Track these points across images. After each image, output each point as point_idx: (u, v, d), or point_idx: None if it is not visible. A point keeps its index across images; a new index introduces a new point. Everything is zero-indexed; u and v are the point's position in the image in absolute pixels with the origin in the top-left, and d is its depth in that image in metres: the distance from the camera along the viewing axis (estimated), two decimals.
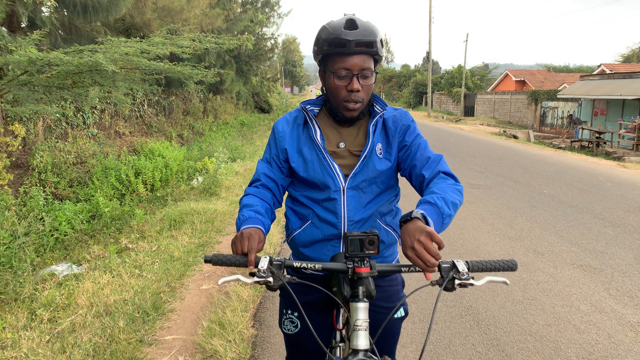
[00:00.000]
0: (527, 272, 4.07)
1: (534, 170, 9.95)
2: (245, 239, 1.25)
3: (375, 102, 1.54)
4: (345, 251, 1.16)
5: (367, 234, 1.15)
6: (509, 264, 1.23)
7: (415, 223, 1.12)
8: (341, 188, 1.47)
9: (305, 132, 1.54)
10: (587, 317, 3.27)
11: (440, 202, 1.24)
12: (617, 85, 18.76)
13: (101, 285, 3.77)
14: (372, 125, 1.50)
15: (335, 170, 1.47)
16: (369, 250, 1.15)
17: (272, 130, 1.61)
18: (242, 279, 1.16)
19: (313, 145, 1.51)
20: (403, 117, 1.56)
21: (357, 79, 1.40)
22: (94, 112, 10.75)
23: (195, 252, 4.52)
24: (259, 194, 1.52)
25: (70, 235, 5.68)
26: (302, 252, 1.55)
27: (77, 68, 5.45)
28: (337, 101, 1.45)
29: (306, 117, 1.55)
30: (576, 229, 5.42)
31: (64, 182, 8.30)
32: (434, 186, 1.34)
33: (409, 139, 1.52)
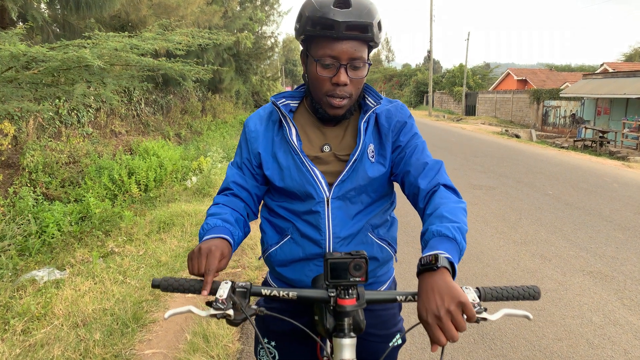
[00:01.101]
0: (535, 280, 3.84)
1: (537, 170, 9.71)
2: (203, 256, 1.02)
3: (368, 94, 1.28)
4: (325, 277, 0.93)
5: (352, 255, 0.92)
6: (530, 292, 1.00)
7: (444, 278, 0.88)
8: (325, 198, 1.22)
9: (281, 132, 1.28)
10: (601, 330, 3.04)
11: (459, 235, 1.01)
12: (620, 84, 18.50)
13: (81, 293, 3.56)
14: (363, 123, 1.24)
15: (316, 178, 1.22)
16: (355, 277, 0.92)
17: (243, 128, 1.35)
18: (195, 311, 0.93)
19: (289, 148, 1.25)
20: (398, 112, 1.30)
21: (345, 70, 1.15)
22: (89, 111, 10.53)
23: (184, 256, 4.29)
24: (230, 202, 1.28)
25: (57, 237, 5.47)
26: (280, 272, 1.32)
27: (63, 64, 5.24)
28: (319, 95, 1.20)
29: (278, 114, 1.29)
30: (584, 232, 5.18)
31: (55, 182, 8.09)
32: (441, 206, 1.09)
33: (404, 138, 1.27)
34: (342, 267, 0.92)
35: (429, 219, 1.09)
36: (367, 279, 0.92)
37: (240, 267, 4.11)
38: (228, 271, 4.02)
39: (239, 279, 3.84)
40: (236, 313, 0.96)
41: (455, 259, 0.95)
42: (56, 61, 5.05)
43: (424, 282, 0.91)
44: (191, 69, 6.20)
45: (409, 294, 1.01)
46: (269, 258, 1.34)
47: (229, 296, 0.97)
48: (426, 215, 1.12)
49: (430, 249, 0.97)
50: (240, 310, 0.96)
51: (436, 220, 1.06)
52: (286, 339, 1.31)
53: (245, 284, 1.02)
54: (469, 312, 0.84)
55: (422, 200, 1.18)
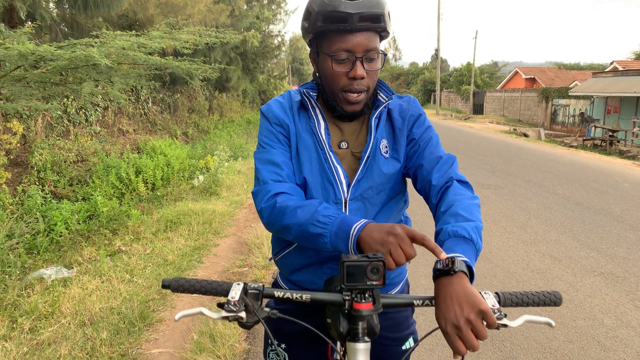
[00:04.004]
0: (545, 281, 3.79)
1: (546, 169, 9.61)
2: (403, 241, 0.92)
3: (380, 89, 1.25)
4: (341, 281, 0.90)
5: (369, 258, 0.88)
6: (551, 298, 0.96)
7: (462, 283, 0.86)
8: (343, 200, 1.19)
9: (303, 122, 1.23)
10: (613, 332, 2.99)
11: (475, 235, 0.98)
12: (631, 82, 18.27)
13: (89, 291, 3.56)
14: (374, 118, 1.21)
15: (338, 177, 1.18)
16: (372, 281, 0.89)
17: (264, 115, 1.25)
18: (207, 313, 0.91)
19: (314, 140, 1.20)
20: (411, 106, 1.27)
21: (362, 63, 1.12)
22: (97, 110, 10.58)
23: (191, 255, 4.29)
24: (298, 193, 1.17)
25: (65, 236, 5.49)
26: (291, 277, 1.29)
27: (71, 63, 5.25)
28: (335, 91, 1.16)
29: (305, 104, 1.24)
30: (594, 232, 5.11)
31: (63, 180, 8.13)
32: (456, 203, 1.06)
33: (418, 131, 1.24)
34: (359, 270, 0.89)
35: (443, 217, 1.06)
36: (384, 282, 0.89)
37: (247, 267, 4.09)
38: (234, 270, 4.01)
39: (246, 278, 3.83)
40: (248, 315, 0.94)
41: (472, 261, 0.93)
42: (64, 60, 5.07)
43: (442, 289, 0.88)
44: (198, 67, 6.19)
45: (425, 299, 0.98)
46: (281, 260, 1.31)
47: (241, 298, 0.94)
48: (440, 213, 1.09)
49: (447, 251, 0.94)
50: (252, 312, 0.94)
51: (451, 218, 1.03)
52: (296, 341, 1.28)
53: (258, 285, 0.99)
54: (490, 319, 0.81)
55: (435, 195, 1.15)
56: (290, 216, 1.08)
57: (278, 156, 1.19)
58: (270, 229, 1.16)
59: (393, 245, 0.91)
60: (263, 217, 1.14)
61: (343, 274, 0.88)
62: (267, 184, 1.15)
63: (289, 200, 1.11)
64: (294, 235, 1.09)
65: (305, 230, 1.05)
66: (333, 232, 1.01)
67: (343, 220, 1.02)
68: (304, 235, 1.06)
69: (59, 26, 9.80)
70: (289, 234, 1.10)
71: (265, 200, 1.13)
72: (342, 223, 1.01)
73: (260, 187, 1.16)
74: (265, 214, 1.13)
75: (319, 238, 1.04)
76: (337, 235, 1.01)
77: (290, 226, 1.08)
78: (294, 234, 1.09)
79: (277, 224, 1.11)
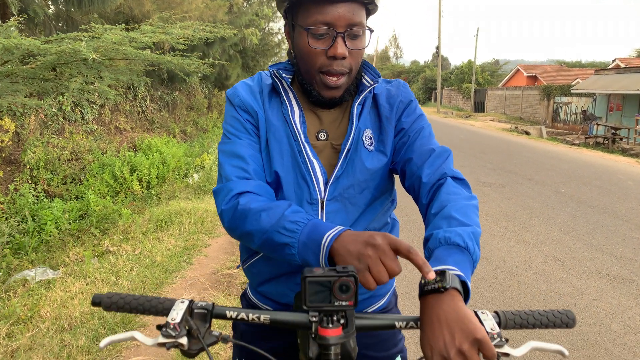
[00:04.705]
0: (548, 283, 3.62)
1: (548, 167, 9.43)
2: (386, 255, 0.75)
3: (365, 72, 1.08)
4: (303, 301, 0.74)
5: (337, 273, 0.71)
6: (562, 319, 0.80)
7: (454, 304, 0.70)
8: (319, 200, 1.02)
9: (275, 109, 1.06)
10: (620, 339, 2.83)
11: (472, 243, 0.82)
12: (633, 79, 18.05)
13: (71, 294, 3.42)
14: (357, 105, 1.05)
15: (314, 173, 1.02)
16: (341, 301, 0.72)
17: (229, 100, 1.07)
18: (139, 338, 0.75)
19: (287, 131, 1.03)
20: (401, 92, 1.11)
21: (343, 40, 0.95)
22: (93, 107, 10.43)
23: (180, 256, 4.14)
24: (266, 193, 1.00)
25: (54, 235, 5.35)
26: (260, 288, 1.14)
27: (60, 57, 5.10)
28: (312, 72, 0.99)
29: (276, 87, 1.06)
30: (599, 232, 4.94)
31: (57, 179, 8.00)
32: (450, 204, 0.90)
33: (408, 120, 1.08)
34: (325, 287, 0.72)
35: (434, 221, 0.90)
36: (356, 302, 0.72)
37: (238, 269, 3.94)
38: (224, 272, 3.85)
39: (236, 281, 3.67)
40: (192, 341, 0.78)
41: (468, 276, 0.77)
42: (52, 54, 4.92)
43: (428, 309, 0.72)
44: (192, 62, 6.04)
45: (410, 320, 0.82)
46: (249, 269, 1.15)
47: (183, 320, 0.78)
48: (430, 215, 0.93)
49: (436, 262, 0.78)
50: (197, 337, 0.78)
51: (443, 222, 0.87)
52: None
53: (206, 304, 0.83)
54: (488, 350, 0.65)
55: (426, 194, 0.99)
56: (253, 221, 0.91)
57: (244, 148, 1.02)
58: (233, 235, 0.99)
59: (372, 260, 0.75)
60: (223, 221, 0.98)
61: (305, 292, 0.72)
62: (230, 181, 0.98)
63: (254, 202, 0.94)
64: (257, 244, 0.92)
65: (270, 239, 0.88)
66: (302, 242, 0.85)
67: (314, 227, 0.85)
68: (269, 244, 0.90)
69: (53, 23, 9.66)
70: (252, 242, 0.93)
71: (226, 201, 0.96)
72: (312, 231, 0.84)
73: (222, 185, 1.00)
74: (226, 218, 0.96)
75: (285, 248, 0.87)
76: (306, 245, 0.84)
77: (253, 233, 0.91)
78: (257, 243, 0.92)
79: (238, 230, 0.95)
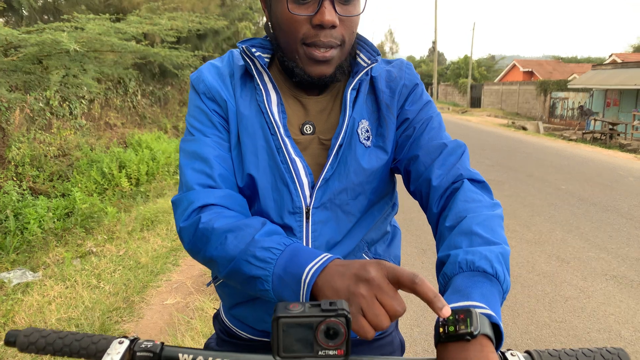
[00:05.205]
0: (552, 285, 3.45)
1: (547, 163, 9.28)
2: (383, 286, 0.55)
3: (360, 49, 0.87)
4: (275, 350, 0.53)
5: (322, 311, 0.51)
6: (613, 359, 0.62)
7: (485, 356, 0.51)
8: (303, 208, 0.82)
9: (247, 96, 0.85)
10: (632, 346, 2.66)
11: (501, 267, 0.62)
12: (630, 74, 17.96)
13: (49, 299, 3.22)
14: (351, 90, 0.84)
15: (297, 174, 0.82)
16: (328, 349, 0.51)
17: (193, 87, 0.87)
18: None
19: (262, 122, 0.83)
20: (404, 74, 0.90)
21: (332, 4, 0.74)
22: (82, 102, 10.17)
23: (166, 257, 3.94)
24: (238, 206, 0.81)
25: (37, 235, 5.13)
26: (233, 311, 0.94)
27: (41, 49, 4.87)
28: (294, 46, 0.78)
29: (248, 68, 0.85)
30: (603, 231, 4.78)
31: (43, 175, 7.76)
32: (469, 215, 0.70)
33: (413, 108, 0.87)
34: (305, 332, 0.51)
35: (450, 237, 0.70)
36: (348, 351, 0.51)
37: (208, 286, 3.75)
38: None
39: None
40: None
41: (498, 313, 0.57)
42: (33, 46, 4.69)
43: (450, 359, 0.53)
44: (180, 54, 5.82)
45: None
46: (221, 289, 0.95)
47: None
48: (445, 229, 0.73)
49: (457, 295, 0.59)
50: None
51: (463, 240, 0.67)
52: None
53: (153, 345, 0.64)
54: None
55: (437, 201, 0.80)
56: (217, 245, 0.70)
57: (209, 148, 0.82)
58: (195, 258, 0.78)
59: (366, 300, 0.55)
60: (183, 241, 0.77)
61: (277, 338, 0.52)
62: (191, 190, 0.78)
63: (219, 219, 0.73)
64: (223, 273, 0.72)
65: (237, 270, 0.68)
66: (277, 276, 0.64)
67: (293, 256, 0.65)
68: (237, 276, 0.69)
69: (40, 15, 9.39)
70: (218, 271, 0.73)
71: (185, 217, 0.76)
72: (290, 261, 0.64)
73: (181, 195, 0.79)
74: (186, 238, 0.76)
75: (256, 283, 0.66)
76: (282, 281, 0.64)
77: (217, 260, 0.71)
78: (223, 272, 0.71)
79: (200, 254, 0.74)
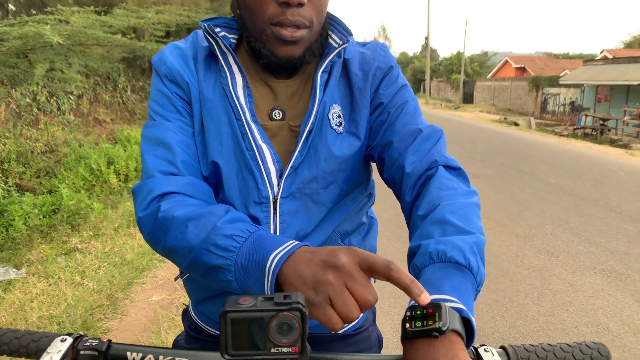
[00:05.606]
0: (541, 279, 3.44)
1: (538, 158, 9.30)
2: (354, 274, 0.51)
3: (332, 29, 0.83)
4: (223, 347, 0.48)
5: (276, 305, 0.46)
6: (592, 356, 0.59)
7: (453, 355, 0.47)
8: (270, 198, 0.78)
9: (211, 79, 0.80)
10: (620, 340, 2.65)
11: (475, 258, 0.58)
12: (621, 70, 18.05)
13: (31, 296, 3.15)
14: (321, 73, 0.80)
15: (263, 162, 0.77)
16: (280, 346, 0.47)
17: (155, 70, 0.82)
18: None
19: (226, 106, 0.78)
20: (378, 55, 0.86)
21: None
22: (70, 98, 10.04)
23: (152, 253, 3.88)
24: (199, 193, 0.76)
25: (22, 232, 5.05)
26: (199, 307, 0.90)
27: (25, 43, 4.79)
28: (261, 25, 0.73)
29: (214, 50, 0.80)
30: (592, 224, 4.78)
31: (30, 172, 7.66)
32: (443, 203, 0.67)
33: (387, 92, 0.83)
34: (256, 327, 0.47)
35: (422, 226, 0.66)
36: (304, 348, 0.47)
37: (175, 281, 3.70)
38: None
39: None
40: None
41: (470, 307, 0.53)
42: (16, 39, 4.61)
43: (416, 358, 0.49)
44: None
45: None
46: (187, 284, 0.91)
47: None
48: (417, 218, 0.69)
49: (426, 287, 0.54)
50: None
51: (435, 229, 0.63)
52: None
53: (98, 342, 0.59)
54: None
55: (411, 189, 0.76)
56: (177, 234, 0.66)
57: (171, 133, 0.77)
58: (156, 250, 0.73)
59: (335, 288, 0.51)
60: (143, 232, 0.73)
61: (225, 334, 0.47)
62: (152, 177, 0.73)
63: (179, 207, 0.68)
64: (184, 264, 0.67)
65: (198, 260, 0.63)
66: (240, 265, 0.60)
67: (257, 243, 0.60)
68: (198, 267, 0.65)
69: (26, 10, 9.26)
70: (178, 262, 0.68)
71: (144, 206, 0.71)
72: (254, 249, 0.59)
73: (142, 182, 0.74)
74: (145, 228, 0.71)
75: (218, 273, 0.62)
76: (245, 270, 0.59)
77: (177, 250, 0.66)
78: (184, 263, 0.67)
79: (160, 245, 0.69)
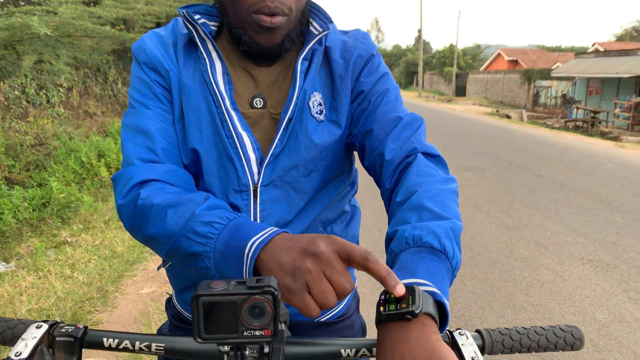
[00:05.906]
0: (530, 270, 3.47)
1: (530, 150, 9.36)
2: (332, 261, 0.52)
3: (313, 16, 0.83)
4: (195, 330, 0.48)
5: (249, 289, 0.46)
6: (566, 338, 0.60)
7: (426, 336, 0.47)
8: (250, 186, 0.78)
9: (191, 66, 0.80)
10: (606, 328, 2.69)
11: (451, 243, 0.59)
12: (612, 63, 18.17)
13: (20, 290, 3.14)
14: (302, 60, 0.80)
15: (243, 150, 0.77)
16: (253, 329, 0.47)
17: (135, 57, 0.82)
18: None
19: (206, 93, 0.78)
20: (359, 44, 0.86)
21: None
22: (60, 91, 9.93)
23: (142, 246, 3.87)
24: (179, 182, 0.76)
25: (12, 225, 5.01)
26: (182, 295, 0.91)
27: (12, 34, 4.72)
28: (241, 13, 0.73)
29: (193, 37, 0.79)
30: (581, 216, 4.83)
31: (19, 165, 7.59)
32: (420, 189, 0.67)
33: (368, 80, 0.84)
34: (228, 310, 0.47)
35: (399, 212, 0.67)
36: (276, 331, 0.47)
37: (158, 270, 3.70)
38: None
39: None
40: None
41: (445, 290, 0.54)
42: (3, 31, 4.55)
43: (389, 343, 0.49)
44: None
45: (362, 346, 0.59)
46: (170, 272, 0.91)
47: (39, 352, 0.55)
48: (395, 205, 0.70)
49: (402, 272, 0.55)
50: None
51: (412, 214, 0.64)
52: None
53: (74, 329, 0.59)
54: None
55: (390, 176, 0.77)
56: (156, 221, 0.66)
57: (151, 121, 0.77)
58: (136, 238, 0.73)
59: (312, 276, 0.52)
60: (123, 220, 0.73)
61: (198, 318, 0.48)
62: (131, 165, 0.73)
63: (159, 194, 0.68)
64: (164, 252, 0.67)
65: (177, 247, 0.64)
66: (218, 251, 0.60)
67: (236, 230, 0.61)
68: (176, 254, 0.65)
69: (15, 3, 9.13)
70: (158, 249, 0.69)
71: (124, 193, 0.71)
72: (233, 235, 0.60)
73: (122, 170, 0.74)
74: (125, 216, 0.71)
75: (197, 260, 0.62)
76: (224, 256, 0.60)
77: (156, 238, 0.66)
78: (164, 251, 0.67)
79: (140, 233, 0.70)
